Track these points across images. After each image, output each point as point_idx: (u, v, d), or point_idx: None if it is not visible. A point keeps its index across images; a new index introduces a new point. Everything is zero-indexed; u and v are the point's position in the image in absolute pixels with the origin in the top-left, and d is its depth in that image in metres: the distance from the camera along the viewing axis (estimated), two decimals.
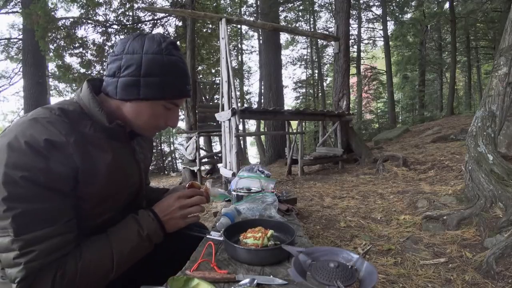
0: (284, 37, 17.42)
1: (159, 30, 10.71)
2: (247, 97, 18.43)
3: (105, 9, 9.52)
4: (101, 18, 9.57)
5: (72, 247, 0.66)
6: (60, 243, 0.62)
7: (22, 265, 0.57)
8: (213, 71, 12.25)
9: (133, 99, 0.73)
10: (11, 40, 11.03)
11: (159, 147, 18.02)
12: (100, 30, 9.45)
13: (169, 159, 18.34)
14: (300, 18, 16.93)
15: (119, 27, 9.72)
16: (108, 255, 0.69)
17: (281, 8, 13.89)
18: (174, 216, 0.81)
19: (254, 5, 14.80)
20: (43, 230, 0.59)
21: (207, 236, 0.95)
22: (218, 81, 7.93)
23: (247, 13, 15.20)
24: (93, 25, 9.42)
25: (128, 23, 9.88)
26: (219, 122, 5.27)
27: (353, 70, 14.08)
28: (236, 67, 15.06)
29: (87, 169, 0.67)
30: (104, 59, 9.59)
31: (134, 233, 0.75)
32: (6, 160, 0.58)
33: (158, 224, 0.78)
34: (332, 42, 6.79)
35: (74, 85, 9.53)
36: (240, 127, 8.95)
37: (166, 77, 0.72)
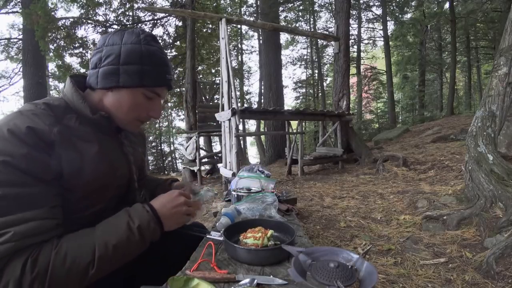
0: (284, 37, 17.46)
1: (159, 30, 10.76)
2: (247, 97, 18.45)
3: (105, 9, 9.54)
4: (101, 18, 9.58)
5: (52, 235, 0.62)
6: (39, 228, 0.60)
7: None
8: (213, 71, 12.25)
9: (113, 86, 0.74)
10: (11, 40, 11.04)
11: (159, 147, 18.03)
12: (100, 30, 9.46)
13: (169, 159, 18.36)
14: (300, 18, 16.93)
15: (119, 27, 9.72)
16: (89, 246, 0.63)
17: (281, 8, 13.89)
18: (177, 211, 0.76)
19: (254, 5, 14.81)
20: (22, 213, 0.59)
21: (207, 236, 0.95)
22: (218, 81, 7.93)
23: (247, 13, 15.21)
24: (93, 25, 9.42)
25: (128, 23, 9.88)
26: (219, 122, 5.27)
27: (353, 70, 14.08)
28: (236, 67, 15.06)
29: (72, 158, 0.67)
30: None
31: (123, 225, 0.68)
32: None
33: (154, 217, 0.72)
34: (332, 42, 6.79)
35: None
36: (240, 127, 8.95)
37: (144, 65, 0.74)
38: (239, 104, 4.95)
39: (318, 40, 15.74)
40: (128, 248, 0.68)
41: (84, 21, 9.27)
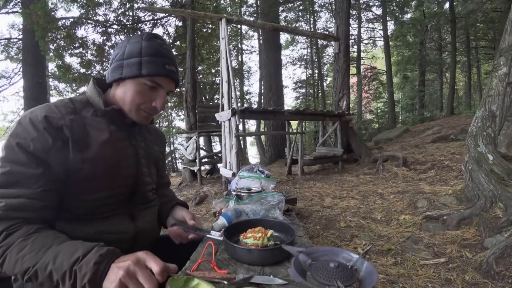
0: (284, 37, 17.46)
1: (159, 30, 10.72)
2: (247, 97, 18.44)
3: (105, 9, 9.52)
4: (101, 18, 9.56)
5: (36, 215, 0.70)
6: (26, 205, 0.68)
7: None
8: (213, 71, 12.25)
9: (117, 79, 0.84)
10: (11, 40, 11.02)
11: None
12: (100, 30, 9.45)
13: (169, 159, 18.35)
14: (300, 18, 16.93)
15: (119, 27, 9.73)
16: (39, 256, 0.63)
17: (281, 8, 13.90)
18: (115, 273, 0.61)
19: (254, 5, 14.81)
20: (17, 189, 0.69)
21: (207, 236, 0.95)
22: (218, 81, 7.93)
23: (247, 13, 15.21)
24: (93, 25, 9.41)
25: (128, 23, 9.88)
26: (219, 122, 5.27)
27: (353, 70, 14.08)
28: (236, 67, 15.06)
29: (78, 140, 0.76)
30: (104, 59, 9.59)
31: (71, 260, 0.62)
32: (13, 131, 0.73)
33: (97, 278, 0.60)
34: (332, 42, 6.79)
35: (74, 85, 9.53)
36: (240, 127, 8.95)
37: (144, 57, 0.82)
38: (239, 104, 4.94)
39: (318, 40, 15.75)
40: (60, 282, 0.62)
41: (84, 21, 9.26)
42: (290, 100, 21.74)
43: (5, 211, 0.67)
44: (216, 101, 7.74)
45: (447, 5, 12.94)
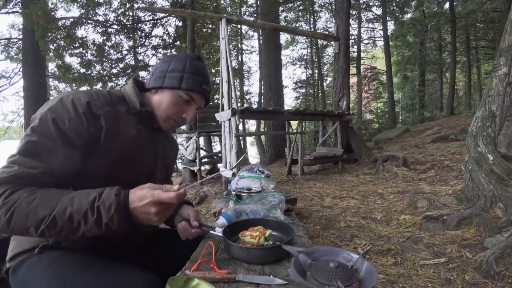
0: (284, 37, 17.44)
1: (159, 30, 10.76)
2: (247, 97, 18.43)
3: (105, 9, 9.53)
4: (101, 18, 9.57)
5: (36, 185, 0.70)
6: (36, 177, 0.70)
7: (1, 171, 0.70)
8: (213, 71, 12.23)
9: (158, 87, 0.92)
10: (11, 40, 11.02)
11: None
12: (100, 30, 9.45)
13: None
14: (300, 18, 16.93)
15: (119, 27, 9.73)
16: (53, 203, 0.66)
17: (281, 8, 13.89)
18: (147, 210, 0.68)
19: (254, 5, 14.80)
20: (36, 161, 0.71)
21: (211, 232, 0.96)
22: (218, 81, 7.93)
23: (247, 13, 15.21)
24: (93, 25, 9.41)
25: (128, 23, 9.89)
26: (219, 122, 5.27)
27: (353, 70, 14.08)
28: (236, 67, 15.05)
29: (111, 130, 0.81)
30: (104, 59, 9.59)
31: (90, 199, 0.67)
32: (52, 106, 0.76)
33: (123, 209, 0.67)
34: (332, 42, 6.79)
35: (74, 85, 9.53)
36: (240, 127, 8.95)
37: (185, 73, 0.92)
38: (239, 104, 4.95)
39: (318, 40, 15.75)
40: (81, 222, 0.66)
41: (84, 21, 9.26)
42: (290, 100, 21.76)
43: (14, 176, 0.68)
44: (216, 101, 7.74)
45: (447, 5, 12.94)
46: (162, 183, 0.97)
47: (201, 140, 8.01)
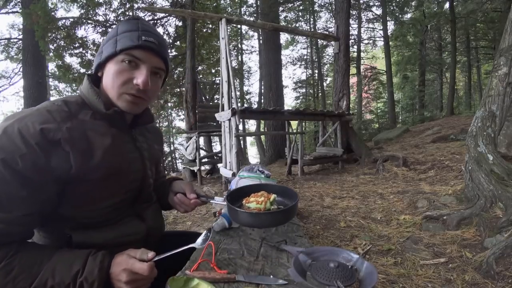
0: (284, 37, 17.47)
1: (159, 30, 10.71)
2: (247, 97, 18.44)
3: (105, 9, 9.52)
4: (101, 18, 9.56)
5: (12, 239, 0.63)
6: (2, 231, 0.61)
7: None
8: (213, 71, 12.24)
9: (97, 64, 0.77)
10: (11, 40, 11.04)
11: None
12: (100, 30, 9.45)
13: (169, 159, 18.34)
14: (300, 18, 16.94)
15: None
16: (33, 274, 0.62)
17: (281, 8, 13.90)
18: (118, 278, 0.67)
19: (254, 5, 14.81)
20: None
21: (211, 201, 0.94)
22: (218, 81, 7.93)
23: (247, 13, 15.21)
24: (93, 25, 9.41)
25: None
26: (219, 122, 5.27)
27: (353, 70, 14.07)
28: (236, 67, 15.06)
29: (83, 150, 0.69)
30: None
31: (72, 272, 0.64)
32: None
33: (103, 278, 0.66)
34: (332, 42, 6.79)
35: (74, 85, 9.54)
36: (240, 127, 8.94)
37: (119, 35, 0.76)
38: (239, 104, 4.95)
39: (318, 40, 15.75)
40: None
41: (84, 21, 9.26)
42: (290, 100, 21.78)
43: None
44: (216, 101, 7.74)
45: (447, 5, 12.94)
46: (153, 178, 0.95)
47: (201, 140, 8.01)
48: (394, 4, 14.88)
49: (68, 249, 0.70)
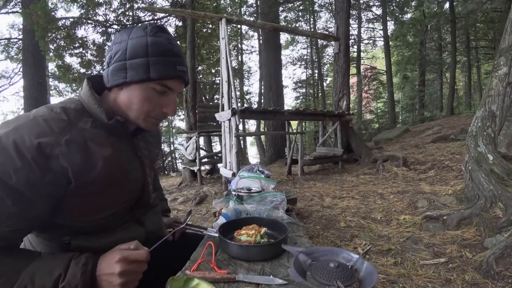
0: (284, 37, 17.46)
1: None
2: (247, 97, 18.45)
3: (105, 9, 9.53)
4: (101, 18, 9.57)
5: None
6: None
7: None
8: (213, 71, 12.24)
9: (121, 83, 0.71)
10: (11, 40, 11.05)
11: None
12: (100, 30, 9.46)
13: (169, 159, 18.35)
14: (300, 18, 16.95)
15: (119, 27, 9.72)
16: (12, 280, 0.59)
17: (281, 8, 13.90)
18: (110, 271, 0.64)
19: (254, 5, 14.82)
20: None
21: (204, 232, 0.96)
22: (218, 81, 7.93)
23: (247, 13, 15.22)
24: (93, 25, 9.42)
25: (128, 23, 9.87)
26: (219, 122, 5.27)
27: (353, 70, 14.08)
28: (236, 67, 15.06)
29: (83, 161, 0.66)
30: (104, 59, 9.58)
31: (53, 276, 0.61)
32: None
33: (88, 281, 0.63)
34: (332, 42, 6.79)
35: (74, 85, 9.55)
36: (240, 127, 8.95)
37: (150, 57, 0.70)
38: (239, 104, 4.95)
39: (318, 40, 15.75)
40: None
41: (84, 21, 9.27)
42: (290, 100, 21.78)
43: None
44: (216, 101, 7.73)
45: (447, 5, 12.94)
46: (152, 185, 0.95)
47: (201, 140, 8.01)
48: (394, 4, 14.89)
49: (51, 253, 0.68)
